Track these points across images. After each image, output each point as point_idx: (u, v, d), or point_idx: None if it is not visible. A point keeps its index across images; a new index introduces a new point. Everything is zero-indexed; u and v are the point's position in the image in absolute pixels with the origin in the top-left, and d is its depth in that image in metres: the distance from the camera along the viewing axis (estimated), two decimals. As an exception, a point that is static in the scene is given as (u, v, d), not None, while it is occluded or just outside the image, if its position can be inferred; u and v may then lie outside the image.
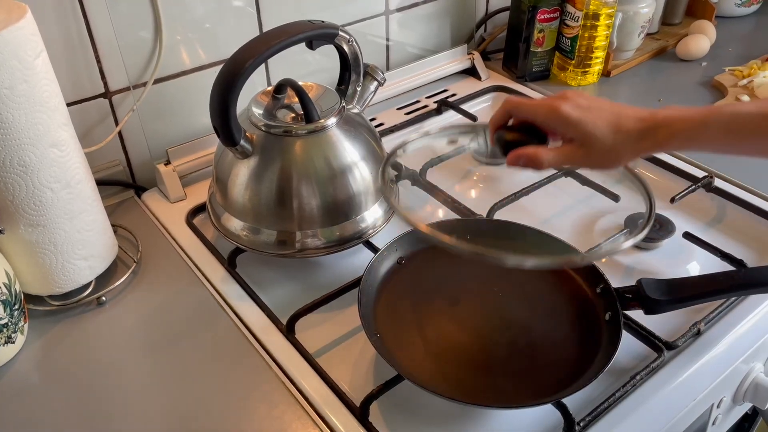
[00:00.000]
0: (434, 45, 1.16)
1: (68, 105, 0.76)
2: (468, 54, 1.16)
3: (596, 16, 1.05)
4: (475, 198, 0.84)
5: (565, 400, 0.58)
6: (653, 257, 0.79)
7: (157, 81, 0.86)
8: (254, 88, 0.79)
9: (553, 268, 0.71)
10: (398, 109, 1.08)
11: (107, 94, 0.83)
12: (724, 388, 0.72)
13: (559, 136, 0.59)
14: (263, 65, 0.95)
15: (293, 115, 0.72)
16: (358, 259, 0.76)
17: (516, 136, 0.59)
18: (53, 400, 0.62)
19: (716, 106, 0.55)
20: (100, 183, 0.80)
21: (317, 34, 0.69)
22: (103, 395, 0.63)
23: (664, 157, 0.92)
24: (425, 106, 1.07)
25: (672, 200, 0.83)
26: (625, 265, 0.78)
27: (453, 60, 1.15)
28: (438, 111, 1.04)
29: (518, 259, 0.58)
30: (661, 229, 0.80)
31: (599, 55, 1.10)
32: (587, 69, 1.11)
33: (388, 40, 1.09)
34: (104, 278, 0.74)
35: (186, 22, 0.85)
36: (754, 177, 0.88)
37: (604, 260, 0.78)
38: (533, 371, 0.61)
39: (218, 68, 0.65)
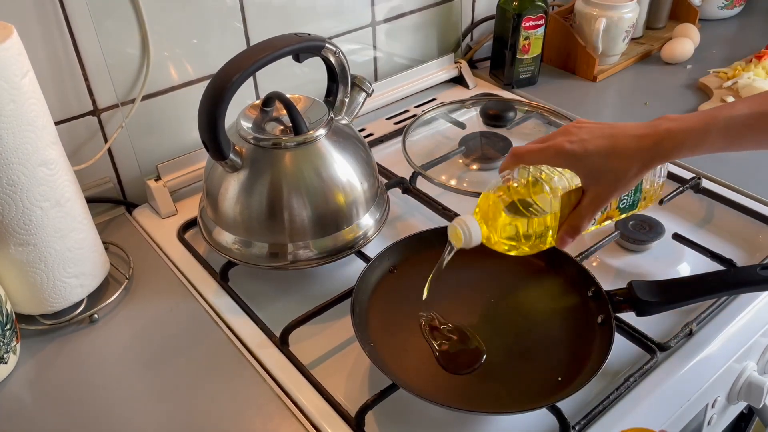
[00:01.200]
0: (421, 55, 1.17)
1: (57, 123, 0.76)
2: (455, 63, 1.17)
3: (581, 22, 1.06)
4: (466, 205, 0.84)
5: (559, 404, 0.58)
6: (643, 259, 0.79)
7: (145, 97, 0.86)
8: (243, 101, 0.79)
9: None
10: (387, 119, 1.08)
11: (96, 112, 0.83)
12: (718, 387, 0.72)
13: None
14: (251, 78, 0.96)
15: (282, 127, 0.72)
16: (351, 269, 0.77)
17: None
18: (46, 420, 0.62)
19: (711, 112, 0.59)
20: (91, 200, 0.80)
21: (303, 47, 0.69)
22: (97, 413, 0.62)
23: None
24: (414, 116, 1.07)
25: (661, 202, 0.84)
26: (616, 267, 0.78)
27: (440, 69, 1.15)
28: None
29: None
30: (651, 230, 0.80)
31: (585, 60, 1.12)
32: (573, 74, 1.12)
33: (375, 50, 1.09)
34: (96, 296, 0.73)
35: (173, 38, 0.85)
36: (741, 177, 0.89)
37: (595, 264, 0.78)
38: (527, 376, 0.61)
39: (206, 83, 0.65)
